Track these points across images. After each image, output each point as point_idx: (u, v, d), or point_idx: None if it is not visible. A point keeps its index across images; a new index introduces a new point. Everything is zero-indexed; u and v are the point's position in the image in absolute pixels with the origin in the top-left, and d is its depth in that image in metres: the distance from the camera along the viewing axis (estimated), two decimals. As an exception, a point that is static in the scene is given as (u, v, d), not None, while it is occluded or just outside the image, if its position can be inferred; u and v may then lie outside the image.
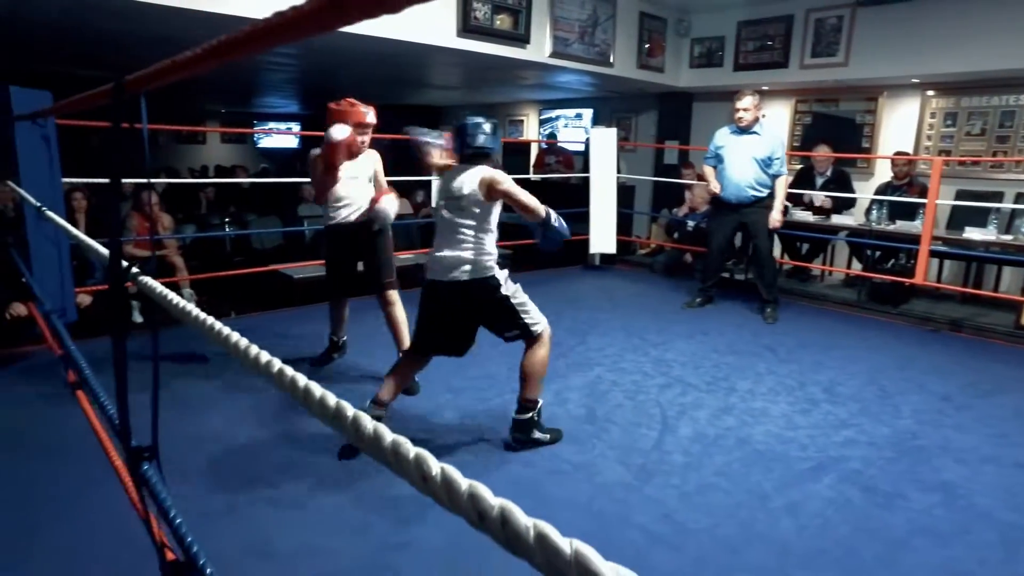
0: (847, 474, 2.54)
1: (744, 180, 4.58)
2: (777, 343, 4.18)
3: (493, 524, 0.41)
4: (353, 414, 0.55)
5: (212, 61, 0.72)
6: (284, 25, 0.50)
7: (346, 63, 6.52)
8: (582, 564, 0.37)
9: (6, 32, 5.12)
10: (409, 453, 0.49)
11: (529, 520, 0.39)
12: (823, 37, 6.18)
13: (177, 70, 0.82)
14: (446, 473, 0.47)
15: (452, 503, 0.45)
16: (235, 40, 0.60)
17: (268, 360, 0.64)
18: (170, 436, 2.58)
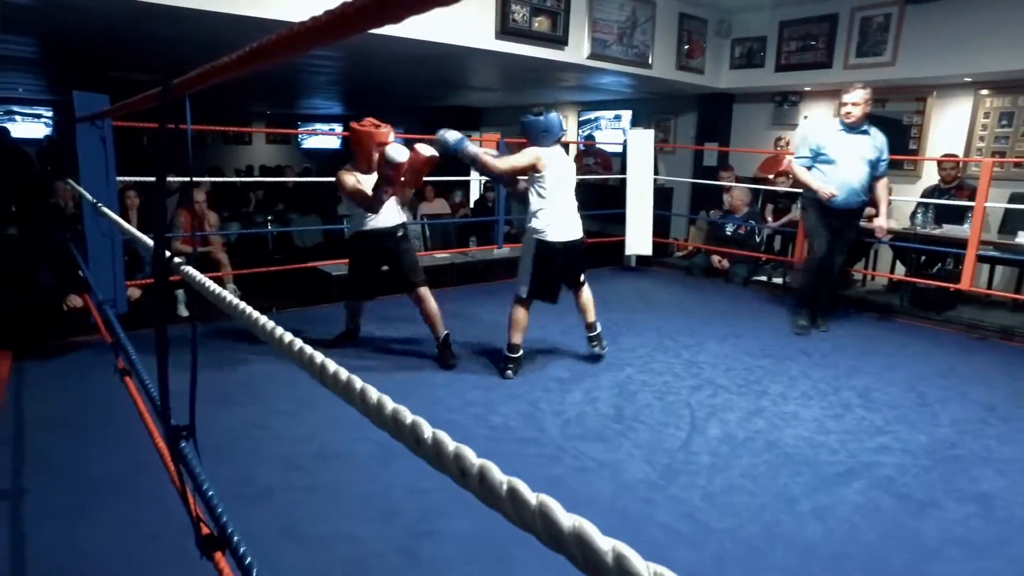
0: (879, 480, 2.50)
1: (856, 183, 4.16)
2: (812, 347, 4.11)
3: (532, 519, 0.44)
4: (392, 408, 0.59)
5: (252, 63, 0.78)
6: (323, 26, 0.54)
7: (387, 65, 6.65)
8: (622, 566, 0.38)
9: (72, 39, 5.40)
10: (448, 448, 0.52)
11: (569, 518, 0.42)
12: (869, 36, 6.04)
13: (220, 73, 0.88)
14: (484, 470, 0.49)
15: (489, 498, 0.47)
16: (273, 43, 0.65)
17: (310, 353, 0.69)
18: (212, 423, 2.71)
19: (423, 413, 2.29)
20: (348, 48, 5.60)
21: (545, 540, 0.41)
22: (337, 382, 0.64)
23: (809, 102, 7.15)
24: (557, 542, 0.40)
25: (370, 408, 0.59)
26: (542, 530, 0.41)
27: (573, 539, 0.39)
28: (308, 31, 0.55)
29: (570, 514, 0.40)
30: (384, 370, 3.52)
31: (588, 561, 0.39)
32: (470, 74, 7.44)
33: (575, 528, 0.40)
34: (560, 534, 0.40)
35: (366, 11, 0.46)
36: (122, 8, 3.78)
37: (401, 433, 0.54)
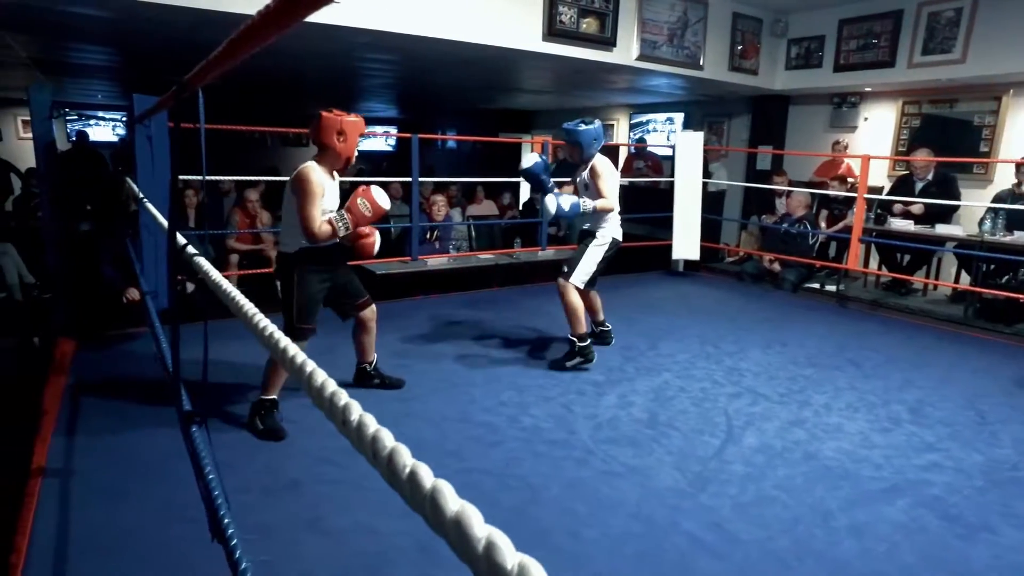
0: (925, 499, 2.36)
1: None
2: (863, 358, 3.93)
3: (422, 502, 0.44)
4: (332, 392, 0.59)
5: (244, 48, 0.80)
6: (274, 13, 0.56)
7: (438, 69, 6.73)
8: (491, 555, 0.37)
9: (143, 46, 5.69)
10: (369, 430, 0.53)
11: (457, 503, 0.41)
12: (937, 32, 5.75)
13: (220, 63, 0.91)
14: (394, 453, 0.49)
15: (391, 478, 0.48)
16: (245, 31, 0.67)
17: (293, 354, 0.70)
18: (245, 417, 2.79)
19: (458, 412, 2.33)
20: (400, 51, 5.69)
21: (432, 523, 0.41)
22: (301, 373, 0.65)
23: (869, 103, 6.86)
24: (440, 525, 0.40)
25: (313, 389, 0.59)
26: (430, 513, 0.41)
27: (452, 524, 0.39)
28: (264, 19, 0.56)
29: (458, 499, 0.40)
30: (422, 369, 3.55)
31: (463, 548, 0.39)
32: (519, 76, 7.45)
33: (458, 513, 0.39)
34: (444, 518, 0.40)
35: None
36: (185, 15, 3.95)
37: (334, 414, 0.55)
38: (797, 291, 5.77)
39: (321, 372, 0.60)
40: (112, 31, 5.01)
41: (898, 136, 6.66)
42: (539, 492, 2.32)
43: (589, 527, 2.12)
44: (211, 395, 2.94)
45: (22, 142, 10.44)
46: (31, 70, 7.19)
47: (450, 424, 2.85)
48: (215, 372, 3.19)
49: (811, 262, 5.84)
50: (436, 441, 2.68)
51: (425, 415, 2.94)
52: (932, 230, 5.19)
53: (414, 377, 3.41)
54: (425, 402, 3.09)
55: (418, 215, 5.31)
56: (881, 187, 6.40)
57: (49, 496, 2.22)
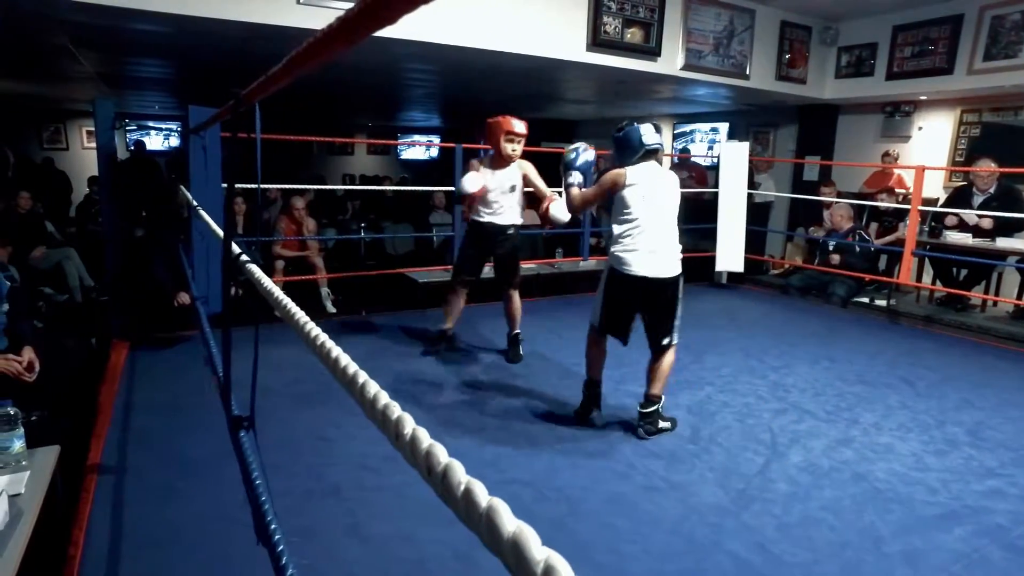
0: (987, 528, 2.25)
1: None
2: (916, 376, 3.79)
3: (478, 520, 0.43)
4: (385, 404, 0.60)
5: (303, 65, 0.82)
6: (336, 32, 0.57)
7: (481, 79, 6.80)
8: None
9: (199, 59, 5.91)
10: (422, 445, 0.52)
11: (513, 523, 0.40)
12: (1001, 36, 5.52)
13: (279, 79, 0.93)
14: (448, 469, 0.49)
15: (446, 496, 0.47)
16: (304, 50, 0.68)
17: (345, 364, 0.71)
18: (291, 420, 2.86)
19: (497, 422, 2.33)
20: (444, 62, 5.77)
21: (487, 541, 0.40)
22: (344, 375, 0.66)
23: (924, 112, 6.64)
24: (496, 545, 0.39)
25: (365, 401, 0.60)
26: (485, 533, 0.41)
27: (510, 545, 0.38)
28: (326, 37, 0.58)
29: (515, 519, 0.39)
30: (466, 376, 3.57)
31: (521, 570, 0.38)
32: (562, 86, 7.47)
33: (514, 534, 0.38)
34: (500, 538, 0.39)
35: (364, 16, 0.48)
36: (238, 28, 4.09)
37: (386, 427, 0.55)
38: (846, 305, 5.60)
39: (373, 383, 0.61)
40: (171, 45, 5.22)
41: (955, 146, 6.42)
42: (578, 505, 2.30)
43: (630, 543, 2.09)
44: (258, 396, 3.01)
45: (86, 151, 10.93)
46: (96, 83, 7.54)
47: (488, 433, 2.85)
48: (262, 374, 3.27)
49: (861, 276, 5.66)
50: (475, 450, 2.68)
51: (465, 423, 2.95)
52: (993, 244, 4.97)
53: (455, 384, 3.43)
54: (465, 410, 3.10)
55: (461, 224, 5.35)
56: (935, 199, 6.17)
57: (104, 491, 2.30)
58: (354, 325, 4.75)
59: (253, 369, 1.17)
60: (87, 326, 4.88)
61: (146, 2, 3.62)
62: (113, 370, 3.51)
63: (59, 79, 7.42)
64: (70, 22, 4.17)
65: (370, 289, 5.73)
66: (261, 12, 3.93)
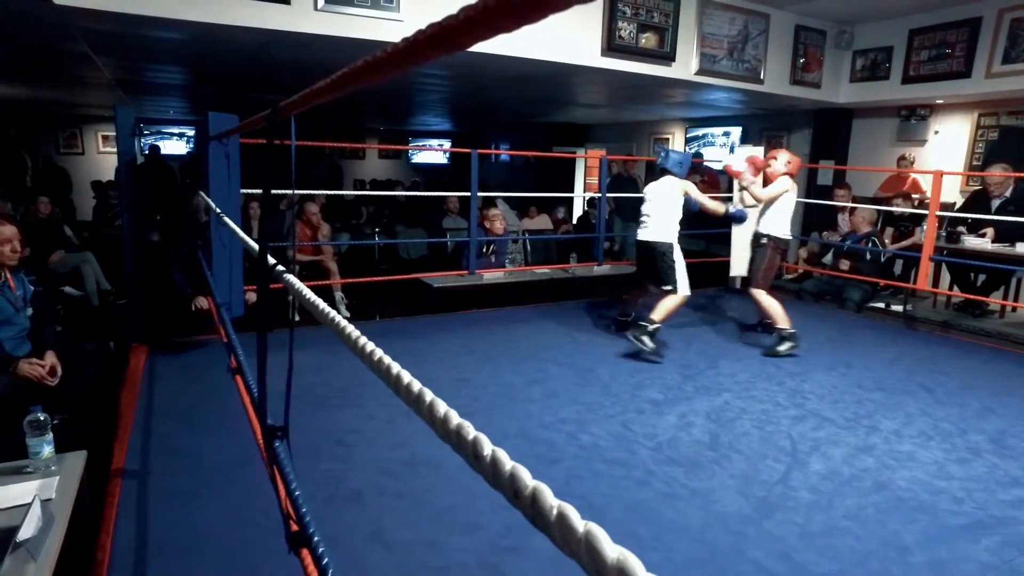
0: (1015, 539, 2.23)
1: None
2: (935, 383, 3.76)
3: (577, 547, 0.43)
4: (457, 423, 0.60)
5: (346, 86, 0.83)
6: (416, 46, 0.57)
7: (494, 83, 6.81)
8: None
9: (214, 66, 5.96)
10: (505, 467, 0.52)
11: (614, 550, 0.40)
12: (1020, 39, 5.46)
13: (320, 95, 0.94)
14: (537, 492, 0.47)
15: (538, 520, 0.46)
16: (369, 64, 0.69)
17: (389, 365, 0.72)
18: (311, 424, 2.87)
19: (516, 428, 2.33)
20: (457, 67, 5.79)
21: (588, 568, 0.40)
22: (409, 394, 0.66)
23: (940, 116, 6.59)
24: (599, 572, 0.39)
25: (436, 420, 0.60)
26: (586, 558, 0.40)
27: (615, 571, 0.38)
28: (400, 52, 0.58)
29: (616, 546, 0.39)
30: (480, 383, 3.58)
31: None
32: (576, 91, 7.47)
33: (618, 560, 0.38)
34: (603, 565, 0.39)
35: (465, 27, 0.48)
36: (256, 35, 4.12)
37: (462, 447, 0.55)
38: (861, 311, 5.57)
39: (441, 402, 0.61)
40: (188, 52, 5.27)
41: (972, 150, 6.37)
42: (600, 513, 2.29)
43: (652, 551, 2.08)
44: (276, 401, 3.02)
45: (102, 156, 11.05)
46: (114, 89, 7.62)
47: (509, 441, 2.84)
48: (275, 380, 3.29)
49: (877, 280, 5.62)
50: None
51: (484, 430, 2.88)
52: (1012, 249, 4.93)
53: (472, 391, 3.43)
54: (483, 417, 3.10)
55: (476, 229, 5.36)
56: (952, 203, 6.12)
57: (128, 496, 2.32)
58: (368, 330, 4.75)
59: (288, 377, 1.18)
60: (105, 330, 4.93)
61: (165, 10, 3.66)
62: (133, 374, 3.54)
63: (76, 85, 7.51)
64: (90, 30, 4.22)
65: (384, 294, 5.76)
66: (279, 19, 3.96)
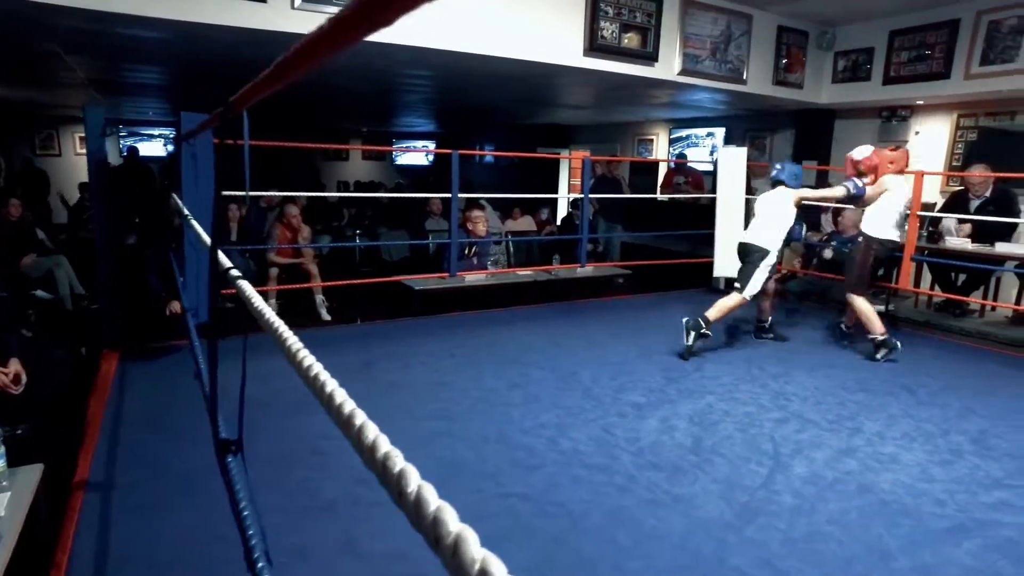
0: (997, 542, 2.20)
1: None
2: (918, 384, 3.75)
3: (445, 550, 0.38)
4: (385, 452, 0.54)
5: (293, 70, 0.77)
6: (328, 35, 0.52)
7: (477, 84, 6.76)
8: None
9: (193, 65, 5.85)
10: (429, 508, 0.46)
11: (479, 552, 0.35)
12: (997, 41, 5.51)
13: (267, 85, 0.88)
14: (459, 541, 0.42)
15: None
16: (307, 45, 0.64)
17: (324, 382, 0.66)
18: (282, 432, 2.79)
19: (496, 433, 2.25)
20: (440, 67, 5.73)
21: None
22: (340, 415, 0.60)
23: (921, 116, 6.63)
24: None
25: (364, 447, 0.55)
26: None
27: None
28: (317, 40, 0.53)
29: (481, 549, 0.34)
30: (460, 387, 3.51)
31: None
32: (559, 92, 7.43)
33: None
34: None
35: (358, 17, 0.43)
36: (233, 34, 4.04)
37: (387, 480, 0.49)
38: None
39: (372, 428, 0.55)
40: (164, 51, 5.16)
41: (952, 150, 6.41)
42: (580, 520, 2.24)
43: (633, 559, 2.03)
44: (249, 409, 2.94)
45: (79, 157, 10.86)
46: (89, 90, 7.47)
47: (489, 446, 2.79)
48: (253, 386, 3.21)
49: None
50: (473, 464, 2.62)
51: (464, 435, 2.89)
52: (991, 249, 4.95)
53: (452, 395, 3.37)
54: (463, 422, 3.04)
55: (457, 231, 5.30)
56: (933, 203, 6.15)
57: (90, 510, 2.23)
58: (349, 333, 4.69)
59: (241, 387, 1.11)
60: (77, 335, 4.81)
61: (138, 7, 3.57)
62: (103, 381, 3.44)
63: (51, 85, 7.36)
64: (61, 27, 4.11)
65: (365, 296, 5.68)
66: (255, 17, 3.89)
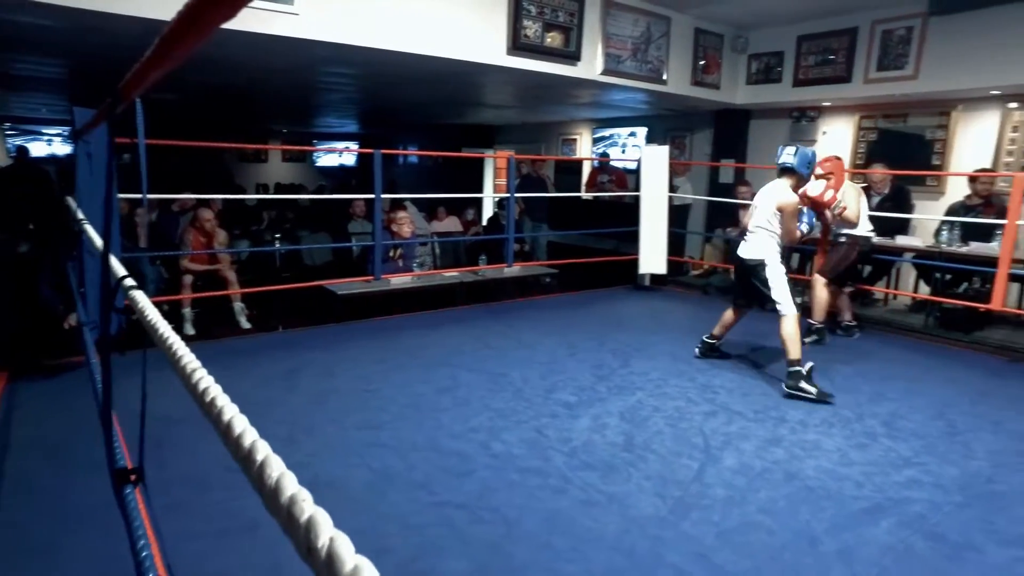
0: (909, 518, 2.32)
1: None
2: (832, 371, 3.93)
3: None
4: (291, 496, 0.47)
5: (178, 46, 0.68)
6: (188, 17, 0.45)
7: (400, 83, 6.62)
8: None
9: (88, 56, 5.42)
10: (302, 517, 0.40)
11: None
12: (890, 49, 5.89)
13: (154, 65, 0.79)
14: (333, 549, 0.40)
15: None
16: (187, 16, 0.55)
17: (220, 409, 0.58)
18: (199, 450, 2.60)
19: (425, 438, 2.16)
20: (362, 65, 5.57)
21: None
22: (239, 448, 0.53)
23: (828, 117, 6.99)
24: None
25: (266, 488, 0.48)
26: None
27: None
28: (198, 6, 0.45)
29: None
30: (388, 394, 3.40)
31: None
32: (483, 91, 7.39)
33: None
34: None
35: None
36: (130, 24, 3.75)
37: (293, 529, 0.43)
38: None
39: (276, 463, 0.48)
40: (55, 41, 4.76)
41: (855, 150, 6.79)
42: (515, 526, 2.19)
43: (569, 562, 2.00)
44: (162, 427, 2.73)
45: (-41, 159, 9.94)
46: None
47: (419, 453, 2.70)
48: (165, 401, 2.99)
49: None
50: (404, 472, 2.53)
51: (392, 444, 2.79)
52: (892, 241, 5.26)
53: (380, 403, 3.26)
54: (392, 429, 2.94)
55: (381, 233, 5.16)
56: (841, 200, 6.50)
57: (-27, 551, 2.00)
58: (271, 341, 4.47)
59: (142, 408, 0.99)
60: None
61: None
62: (-10, 404, 3.11)
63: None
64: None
65: (287, 303, 5.44)
66: (159, 8, 3.61)
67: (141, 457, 0.99)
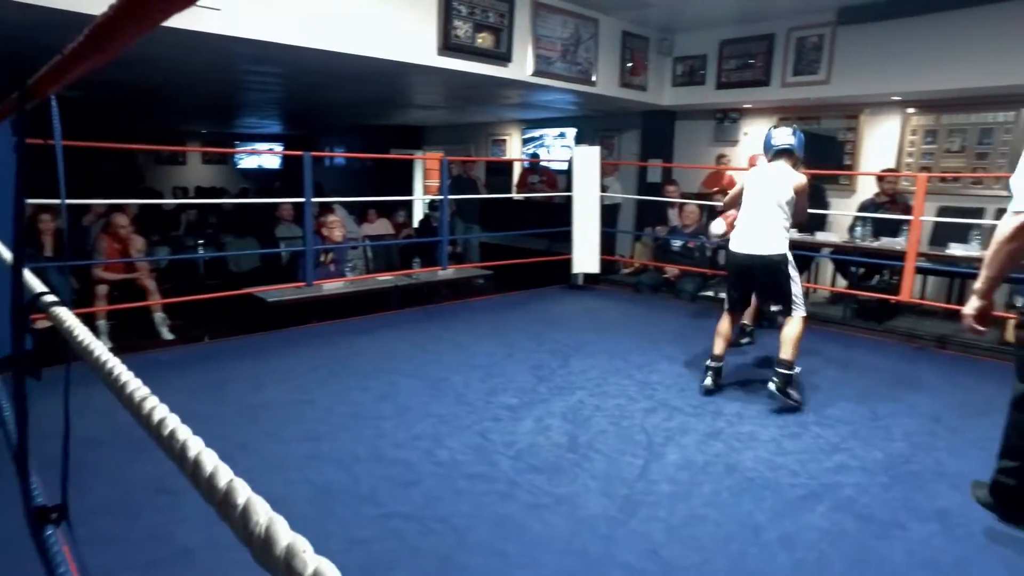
0: (841, 502, 2.43)
1: None
2: (764, 363, 4.09)
3: None
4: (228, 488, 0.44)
5: (105, 44, 0.61)
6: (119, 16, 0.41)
7: (328, 83, 6.44)
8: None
9: None
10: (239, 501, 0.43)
11: None
12: (804, 55, 6.21)
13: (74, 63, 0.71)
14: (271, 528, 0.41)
15: None
16: (109, 22, 0.50)
17: (161, 420, 0.52)
18: (126, 472, 2.43)
19: (367, 448, 2.07)
20: (286, 64, 5.38)
21: None
22: (184, 460, 0.49)
23: (749, 119, 7.29)
24: None
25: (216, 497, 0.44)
26: None
27: None
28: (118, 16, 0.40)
29: None
30: (326, 405, 3.29)
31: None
32: (412, 92, 7.29)
33: None
34: None
35: None
36: (19, 13, 3.47)
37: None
38: (695, 300, 5.97)
39: (225, 472, 0.45)
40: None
41: (774, 150, 7.11)
42: (465, 535, 2.15)
43: (521, 568, 1.98)
44: (83, 450, 2.53)
45: None
46: None
47: (362, 465, 2.62)
48: (88, 422, 2.77)
49: (705, 271, 6.07)
50: (348, 485, 2.44)
51: (333, 456, 2.69)
52: (812, 237, 5.54)
53: (317, 413, 3.14)
54: (332, 441, 2.84)
55: (312, 237, 4.99)
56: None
57: None
58: (197, 353, 4.25)
59: (64, 440, 0.90)
60: None
61: None
62: None
63: None
64: None
65: (213, 312, 5.19)
66: (60, -1, 3.37)
67: (64, 493, 0.90)
